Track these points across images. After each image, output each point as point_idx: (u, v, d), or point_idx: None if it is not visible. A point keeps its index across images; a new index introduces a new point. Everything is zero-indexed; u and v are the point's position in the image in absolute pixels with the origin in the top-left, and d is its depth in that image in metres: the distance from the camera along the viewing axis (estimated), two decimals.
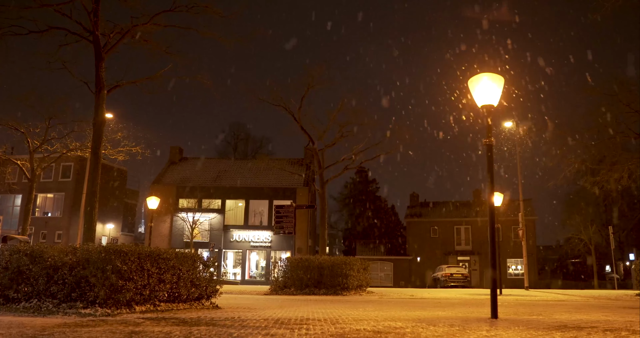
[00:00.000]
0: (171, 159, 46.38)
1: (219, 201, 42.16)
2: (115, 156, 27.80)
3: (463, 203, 50.25)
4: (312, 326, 5.60)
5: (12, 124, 27.94)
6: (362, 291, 16.38)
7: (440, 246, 47.23)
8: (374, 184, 63.76)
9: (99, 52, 16.94)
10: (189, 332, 4.97)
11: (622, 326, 5.75)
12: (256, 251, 41.53)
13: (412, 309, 8.80)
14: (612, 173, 24.06)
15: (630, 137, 23.58)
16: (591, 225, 46.31)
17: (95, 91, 16.96)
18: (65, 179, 43.56)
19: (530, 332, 5.09)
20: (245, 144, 63.00)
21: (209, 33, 18.25)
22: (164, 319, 6.32)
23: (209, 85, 19.65)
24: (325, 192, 28.37)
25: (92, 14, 16.77)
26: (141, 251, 7.71)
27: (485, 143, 7.01)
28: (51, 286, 7.48)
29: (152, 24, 17.57)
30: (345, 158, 29.14)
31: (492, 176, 7.01)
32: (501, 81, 7.14)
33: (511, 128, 26.31)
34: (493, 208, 7.11)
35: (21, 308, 7.34)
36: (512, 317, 7.11)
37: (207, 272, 9.14)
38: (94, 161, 16.77)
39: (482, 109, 7.13)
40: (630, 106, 23.08)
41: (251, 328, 5.33)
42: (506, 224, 43.28)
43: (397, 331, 5.16)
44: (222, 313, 7.37)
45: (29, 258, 7.76)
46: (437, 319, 6.58)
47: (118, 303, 7.17)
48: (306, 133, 28.42)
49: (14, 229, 38.48)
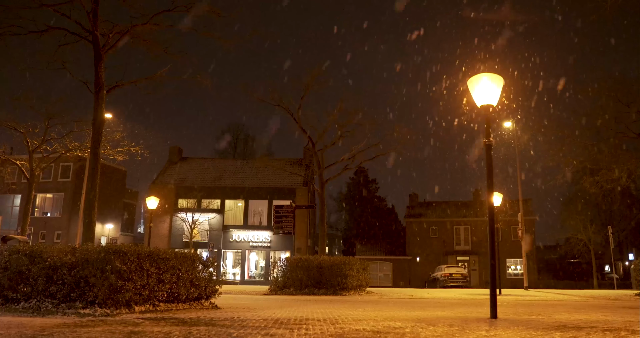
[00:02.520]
0: (170, 159, 46.36)
1: (219, 201, 42.15)
2: (114, 156, 27.80)
3: (463, 203, 50.25)
4: (311, 326, 5.60)
5: (12, 124, 27.94)
6: (361, 292, 16.38)
7: (439, 246, 47.23)
8: (374, 184, 63.77)
9: (99, 52, 16.92)
10: (188, 332, 4.97)
11: (621, 326, 5.75)
12: (255, 251, 41.52)
13: (411, 309, 8.80)
14: (612, 173, 24.08)
15: (630, 137, 23.60)
16: (590, 225, 46.33)
17: (94, 91, 16.93)
18: (65, 180, 43.55)
19: (529, 332, 5.09)
20: (244, 144, 63.06)
21: (209, 33, 18.24)
22: (163, 319, 6.32)
23: (208, 85, 19.64)
24: (325, 192, 28.36)
25: (92, 14, 16.75)
26: (140, 251, 7.71)
27: (484, 143, 7.01)
28: (50, 286, 7.48)
29: (152, 24, 17.55)
30: (344, 158, 29.13)
31: (492, 176, 7.01)
32: (500, 81, 7.14)
33: (510, 128, 26.33)
34: (492, 208, 7.11)
35: (20, 309, 7.34)
36: (512, 317, 7.11)
37: (207, 272, 9.13)
38: (93, 161, 16.74)
39: (482, 109, 7.13)
40: (629, 106, 23.10)
41: (250, 328, 5.33)
42: (506, 224, 43.30)
43: (396, 331, 5.16)
44: (222, 314, 7.37)
45: (28, 258, 7.75)
46: (436, 319, 6.58)
47: (117, 303, 7.16)
48: (306, 133, 28.42)
49: (13, 229, 38.42)
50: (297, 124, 28.19)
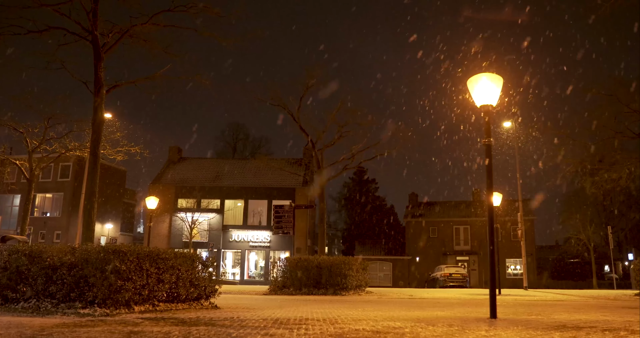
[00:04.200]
0: (170, 159, 46.35)
1: (218, 201, 42.14)
2: (114, 156, 27.80)
3: (462, 203, 50.28)
4: (311, 326, 5.60)
5: (11, 124, 27.94)
6: (361, 291, 16.37)
7: (439, 246, 47.25)
8: (373, 184, 63.76)
9: (98, 52, 16.92)
10: (187, 332, 4.97)
11: (621, 326, 5.75)
12: (255, 251, 41.52)
13: (411, 309, 8.80)
14: (611, 173, 24.08)
15: (629, 137, 23.61)
16: (590, 224, 46.35)
17: (94, 91, 16.94)
18: (64, 179, 43.54)
19: (529, 332, 5.09)
20: (244, 144, 63.07)
21: (208, 33, 18.26)
22: (163, 319, 6.32)
23: (208, 85, 19.66)
24: (324, 192, 28.37)
25: (91, 13, 16.76)
26: (140, 251, 7.70)
27: (484, 143, 7.00)
28: (50, 286, 7.47)
29: (151, 23, 17.56)
30: (344, 157, 29.17)
31: (491, 176, 7.01)
32: (500, 81, 7.13)
33: (510, 128, 26.32)
34: (492, 208, 7.11)
35: (20, 308, 7.33)
36: (511, 317, 7.11)
37: (206, 272, 9.13)
38: (92, 161, 16.75)
39: (481, 109, 7.13)
40: (629, 106, 23.10)
41: (250, 328, 5.33)
42: (505, 224, 43.33)
43: (396, 331, 5.16)
44: (221, 313, 7.37)
45: (28, 258, 7.75)
46: (436, 319, 6.58)
47: (117, 303, 7.16)
48: (305, 133, 28.43)
49: (12, 229, 38.44)
50: (297, 124, 28.21)
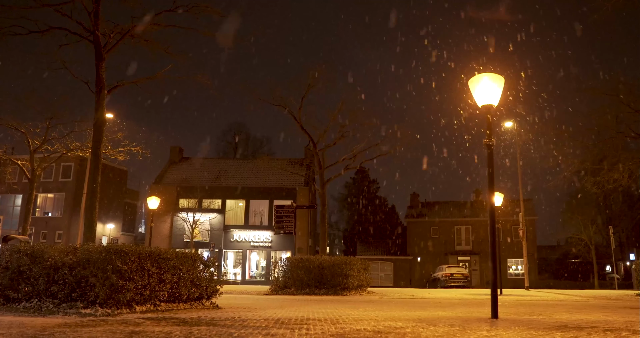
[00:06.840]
0: (171, 159, 46.38)
1: (219, 201, 42.15)
2: (115, 156, 27.78)
3: (463, 203, 50.24)
4: (312, 326, 5.60)
5: (13, 124, 27.92)
6: (362, 292, 16.37)
7: (440, 246, 47.23)
8: (375, 184, 63.76)
9: (100, 52, 16.94)
10: (189, 332, 4.98)
11: (622, 326, 5.75)
12: (256, 251, 41.52)
13: (412, 309, 8.80)
14: (613, 173, 24.04)
15: (631, 137, 23.57)
16: (591, 224, 46.29)
17: (95, 91, 16.95)
18: (66, 179, 43.58)
19: (530, 332, 5.09)
20: (245, 144, 63.08)
21: (209, 33, 18.27)
22: (165, 319, 6.32)
23: (209, 85, 19.66)
24: (326, 192, 28.34)
25: (93, 14, 16.78)
26: (141, 251, 7.71)
27: (485, 143, 7.00)
28: (52, 286, 7.48)
29: (153, 23, 17.57)
30: (345, 158, 29.10)
31: (493, 176, 7.01)
32: (501, 81, 7.13)
33: (512, 128, 26.29)
34: (493, 208, 7.10)
35: (22, 308, 7.34)
36: (513, 317, 7.10)
37: (208, 272, 9.14)
38: (94, 161, 16.76)
39: (483, 109, 7.13)
40: (630, 106, 23.06)
41: (251, 328, 5.33)
42: (506, 224, 43.29)
43: (397, 331, 5.16)
44: (223, 313, 7.37)
45: (30, 258, 7.76)
46: (437, 319, 6.58)
47: (118, 303, 7.17)
48: (306, 133, 28.40)
49: (14, 229, 38.48)
50: (298, 124, 28.19)
